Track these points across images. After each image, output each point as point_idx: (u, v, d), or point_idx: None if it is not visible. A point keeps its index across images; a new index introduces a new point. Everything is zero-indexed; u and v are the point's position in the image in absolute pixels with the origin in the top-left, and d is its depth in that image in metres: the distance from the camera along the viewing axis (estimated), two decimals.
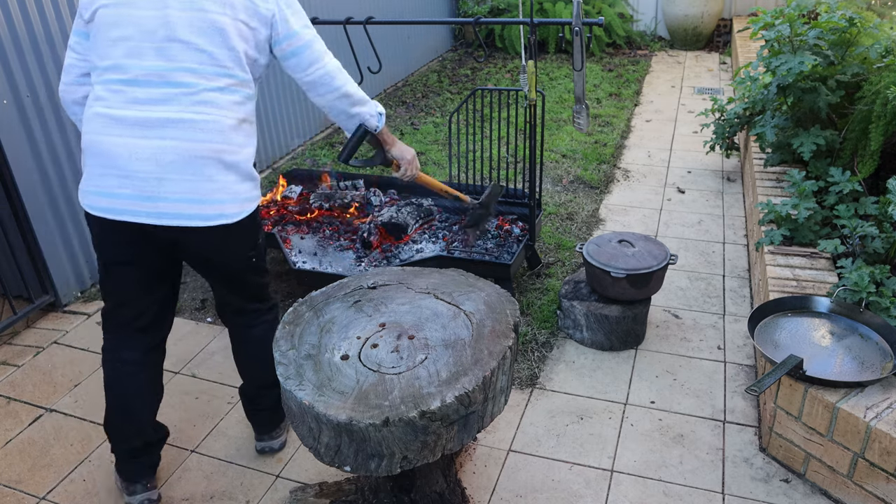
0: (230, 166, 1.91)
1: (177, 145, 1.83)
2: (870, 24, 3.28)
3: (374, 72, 3.29)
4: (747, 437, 2.38)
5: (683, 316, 3.05)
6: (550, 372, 2.74)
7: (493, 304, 1.91)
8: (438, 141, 5.16)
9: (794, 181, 2.95)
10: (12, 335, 3.09)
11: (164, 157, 1.83)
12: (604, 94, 6.04)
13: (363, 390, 1.61)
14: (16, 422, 2.60)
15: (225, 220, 1.92)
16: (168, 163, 1.83)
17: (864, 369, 2.12)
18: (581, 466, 2.30)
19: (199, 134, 1.84)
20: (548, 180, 4.39)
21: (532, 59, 2.74)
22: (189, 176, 1.85)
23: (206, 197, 1.88)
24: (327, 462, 1.65)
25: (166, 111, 1.83)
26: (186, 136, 1.83)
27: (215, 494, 2.25)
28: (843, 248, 2.62)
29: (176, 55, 1.82)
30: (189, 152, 1.84)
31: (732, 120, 4.18)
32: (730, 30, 7.46)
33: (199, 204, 1.88)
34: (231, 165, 1.91)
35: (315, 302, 1.97)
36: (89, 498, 2.26)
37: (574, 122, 2.89)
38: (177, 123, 1.83)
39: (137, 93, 1.83)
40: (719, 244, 3.62)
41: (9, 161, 2.91)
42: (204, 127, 1.85)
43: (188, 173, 1.85)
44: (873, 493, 1.99)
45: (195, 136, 1.84)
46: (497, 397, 1.73)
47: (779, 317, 2.38)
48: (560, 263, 3.46)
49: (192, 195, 1.86)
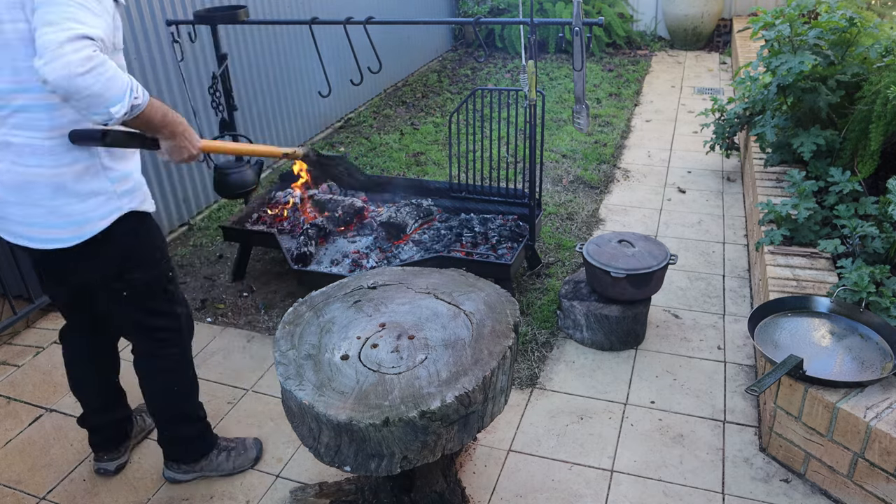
0: (57, 189, 1.76)
1: (8, 168, 1.75)
2: (870, 24, 3.28)
3: (374, 72, 3.29)
4: (747, 437, 2.38)
5: (683, 316, 3.05)
6: (550, 372, 2.74)
7: (493, 304, 1.91)
8: (438, 141, 5.16)
9: (794, 181, 2.95)
10: (12, 335, 3.09)
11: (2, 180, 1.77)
12: (604, 94, 6.04)
13: (363, 390, 1.61)
14: (16, 422, 2.60)
15: (60, 244, 1.81)
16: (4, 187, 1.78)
17: (864, 369, 2.12)
18: (581, 466, 2.30)
19: (21, 158, 1.73)
20: (548, 180, 4.39)
21: (532, 59, 2.74)
22: (21, 199, 1.78)
23: (37, 221, 1.80)
24: (327, 462, 1.65)
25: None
26: (11, 159, 1.74)
27: (215, 494, 2.25)
28: (843, 248, 2.62)
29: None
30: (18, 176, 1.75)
31: (732, 120, 4.18)
32: (730, 30, 7.46)
33: (36, 227, 1.81)
34: (59, 188, 1.76)
35: (315, 302, 1.97)
36: (89, 498, 2.26)
37: (574, 122, 2.89)
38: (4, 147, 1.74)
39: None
40: (719, 244, 3.62)
41: None
42: (21, 150, 1.73)
43: (20, 198, 1.78)
44: (873, 493, 1.99)
45: (18, 161, 1.74)
46: (497, 397, 1.73)
47: (779, 317, 2.38)
48: (560, 263, 3.46)
49: (27, 219, 1.81)
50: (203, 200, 4.21)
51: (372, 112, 5.91)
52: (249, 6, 4.34)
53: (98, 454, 2.33)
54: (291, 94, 4.99)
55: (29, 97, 1.68)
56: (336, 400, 1.58)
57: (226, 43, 4.15)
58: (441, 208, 3.53)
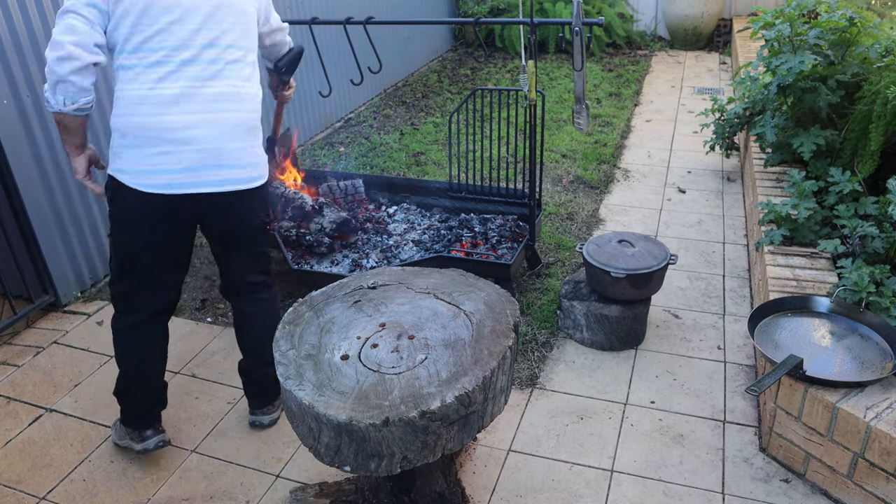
0: (257, 133, 2.18)
1: (227, 116, 2.06)
2: (870, 23, 3.28)
3: (374, 72, 3.29)
4: (747, 437, 2.38)
5: (683, 316, 3.05)
6: (550, 372, 2.74)
7: (493, 304, 1.91)
8: (438, 141, 5.16)
9: (794, 181, 2.95)
10: (12, 335, 3.09)
11: (217, 129, 2.04)
12: (604, 94, 6.04)
13: (363, 390, 1.61)
14: (16, 422, 2.60)
15: (261, 180, 2.20)
16: (222, 134, 2.05)
17: (864, 369, 2.12)
18: (581, 466, 2.30)
19: (246, 104, 2.10)
20: (548, 180, 4.39)
21: (532, 59, 2.74)
22: (240, 143, 2.09)
23: (252, 161, 2.15)
24: (327, 462, 1.65)
25: (216, 86, 2.03)
26: (237, 107, 2.08)
27: (215, 494, 2.25)
28: (843, 248, 2.62)
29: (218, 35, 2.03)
30: (237, 122, 2.08)
31: (732, 120, 4.18)
32: (730, 30, 7.46)
33: (250, 168, 2.14)
34: (257, 132, 2.18)
35: (315, 302, 1.97)
36: (89, 498, 2.26)
37: (574, 122, 2.89)
38: (230, 96, 2.06)
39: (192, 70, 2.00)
40: (719, 244, 3.62)
41: (9, 161, 2.92)
42: (249, 98, 2.12)
43: (239, 140, 2.09)
44: (873, 493, 1.99)
45: (244, 107, 2.10)
46: (497, 397, 1.73)
47: (779, 317, 2.38)
48: (560, 263, 3.46)
49: (244, 160, 2.12)
50: None
51: (372, 112, 5.91)
52: None
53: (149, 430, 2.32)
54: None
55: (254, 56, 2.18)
56: (336, 400, 1.58)
57: None
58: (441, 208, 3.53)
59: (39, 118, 3.04)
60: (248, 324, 2.39)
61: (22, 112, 2.96)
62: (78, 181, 2.15)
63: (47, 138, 3.08)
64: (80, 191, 3.27)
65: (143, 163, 2.00)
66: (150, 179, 2.01)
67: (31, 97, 2.99)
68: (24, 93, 2.96)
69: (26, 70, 2.96)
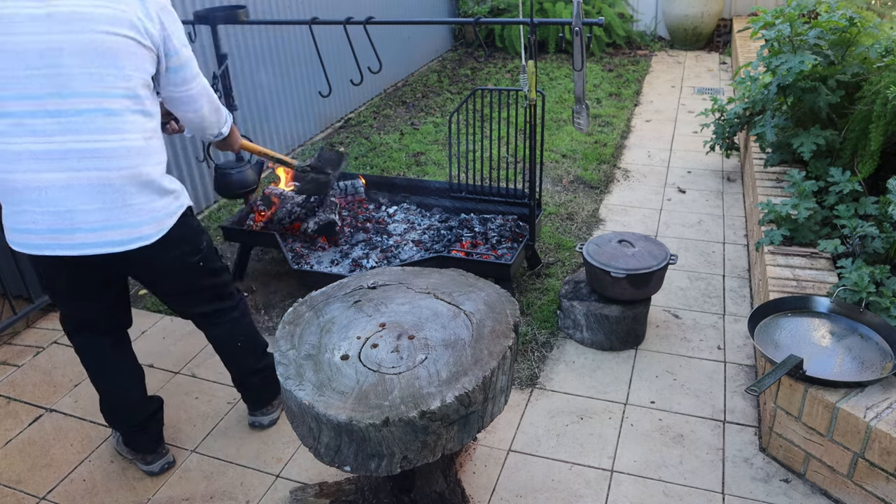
0: (143, 187, 1.89)
1: (87, 175, 1.80)
2: (870, 23, 3.28)
3: (374, 72, 3.29)
4: (747, 437, 2.38)
5: (683, 316, 3.05)
6: (550, 372, 2.74)
7: (493, 304, 1.91)
8: (438, 141, 5.16)
9: (794, 181, 2.95)
10: (12, 335, 3.09)
11: (73, 189, 1.80)
12: (604, 94, 6.04)
13: (363, 390, 1.61)
14: (16, 422, 2.60)
15: (142, 242, 1.91)
16: (77, 194, 1.81)
17: (864, 369, 2.12)
18: (581, 466, 2.30)
19: (106, 162, 1.81)
20: (548, 180, 4.39)
21: (532, 59, 2.74)
22: (100, 205, 1.83)
23: (121, 222, 1.87)
24: (327, 462, 1.65)
25: (69, 141, 1.77)
26: (94, 165, 1.80)
27: (215, 494, 2.25)
28: (843, 248, 2.62)
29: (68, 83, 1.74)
30: (100, 181, 1.82)
31: (732, 120, 4.18)
32: (730, 30, 7.46)
33: (115, 230, 1.87)
34: (144, 185, 1.89)
35: (315, 302, 1.97)
36: (89, 498, 2.26)
37: (574, 122, 2.89)
38: (83, 153, 1.79)
39: (36, 124, 1.75)
40: (719, 244, 3.62)
41: None
42: (111, 154, 1.81)
43: (99, 202, 1.83)
44: (873, 493, 1.99)
45: (103, 165, 1.81)
46: (497, 397, 1.73)
47: (779, 317, 2.38)
48: (560, 263, 3.46)
49: (106, 223, 1.85)
50: (203, 201, 4.21)
51: (372, 112, 5.91)
52: (249, 6, 4.33)
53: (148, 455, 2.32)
54: (291, 94, 4.99)
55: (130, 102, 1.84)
56: (336, 400, 1.58)
57: (226, 43, 4.15)
58: (441, 208, 3.53)
59: None
60: (215, 346, 2.34)
61: None
62: None
63: None
64: None
65: (9, 220, 1.88)
66: (14, 237, 1.89)
67: None
68: None
69: None
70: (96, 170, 1.80)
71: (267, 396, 2.48)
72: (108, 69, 1.77)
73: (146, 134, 1.88)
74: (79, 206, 1.82)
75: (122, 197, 1.85)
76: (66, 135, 1.77)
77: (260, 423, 2.50)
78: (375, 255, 3.22)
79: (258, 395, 2.47)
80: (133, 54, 1.81)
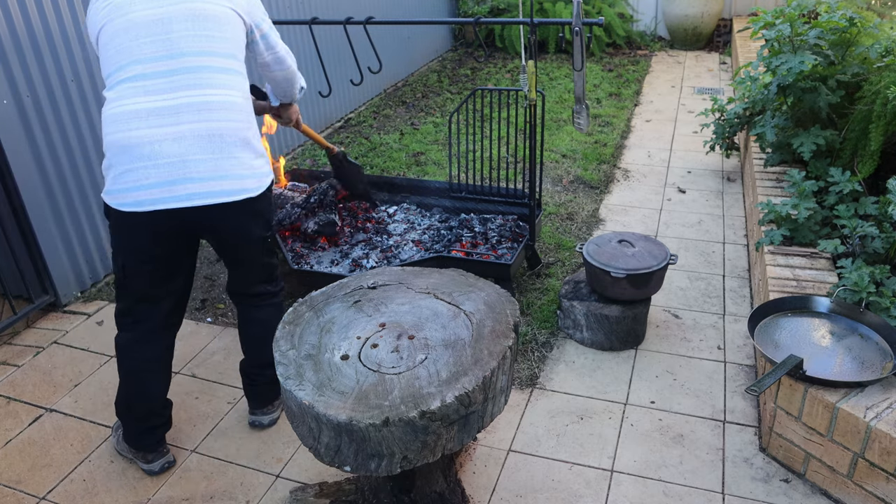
0: (245, 143, 2.04)
1: (197, 126, 1.95)
2: (870, 23, 3.28)
3: (374, 72, 3.29)
4: (747, 437, 2.38)
5: (683, 316, 3.05)
6: (550, 372, 2.74)
7: (493, 304, 1.91)
8: (438, 141, 5.16)
9: (794, 181, 2.95)
10: (12, 335, 3.09)
11: (184, 140, 1.94)
12: (604, 94, 6.04)
13: (363, 390, 1.61)
14: (16, 422, 2.60)
15: (247, 194, 2.05)
16: (189, 145, 1.94)
17: (864, 369, 2.12)
18: (581, 466, 2.30)
19: (215, 114, 1.97)
20: (548, 180, 4.39)
21: (532, 59, 2.74)
22: (210, 154, 1.97)
23: (228, 173, 2.00)
24: (327, 462, 1.65)
25: (181, 97, 1.94)
26: (204, 117, 1.96)
27: (215, 494, 2.25)
28: (843, 248, 2.62)
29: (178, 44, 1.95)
30: (209, 131, 1.96)
31: (732, 120, 4.18)
32: (730, 30, 7.46)
33: (223, 180, 2.00)
34: (245, 142, 2.04)
35: (315, 302, 1.97)
36: (89, 498, 2.26)
37: (574, 122, 2.89)
38: (193, 106, 1.95)
39: (149, 85, 1.93)
40: (719, 244, 3.62)
41: (9, 161, 2.92)
42: (218, 107, 1.98)
43: (209, 152, 1.97)
44: (873, 493, 1.99)
45: (212, 117, 1.97)
46: (497, 397, 1.73)
47: (779, 317, 2.38)
48: (560, 263, 3.46)
49: (215, 173, 1.98)
50: None
51: (372, 112, 5.91)
52: None
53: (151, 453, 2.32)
54: None
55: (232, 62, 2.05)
56: (336, 400, 1.58)
57: None
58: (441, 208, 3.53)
59: (39, 118, 3.04)
60: (250, 327, 2.39)
61: (22, 112, 2.96)
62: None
63: (47, 138, 3.08)
64: (80, 190, 3.27)
65: (117, 182, 1.97)
66: (123, 198, 1.97)
67: (31, 97, 2.99)
68: (25, 93, 2.96)
69: (26, 70, 2.96)
70: (206, 121, 1.96)
71: (271, 395, 2.49)
72: (211, 31, 1.99)
73: (244, 94, 2.07)
74: (190, 156, 1.95)
75: (228, 148, 2.00)
76: (177, 91, 1.94)
77: (260, 423, 2.50)
78: (375, 255, 3.22)
79: (265, 390, 2.47)
80: (230, 21, 2.05)
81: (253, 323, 2.38)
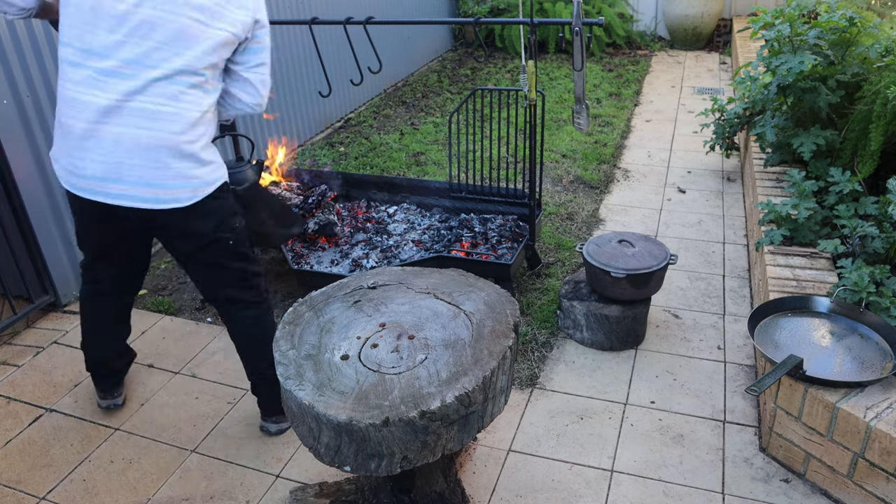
0: (186, 155, 2.02)
1: (139, 133, 1.95)
2: (870, 23, 3.28)
3: (374, 72, 3.29)
4: (747, 437, 2.38)
5: (683, 316, 3.05)
6: (550, 372, 2.74)
7: (493, 304, 1.91)
8: (438, 141, 5.16)
9: (794, 181, 2.95)
10: (12, 335, 3.09)
11: (125, 143, 1.95)
12: (604, 94, 6.04)
13: (363, 390, 1.61)
14: (16, 422, 2.60)
15: (178, 203, 2.04)
16: (128, 149, 1.96)
17: (864, 369, 2.12)
18: (581, 466, 2.30)
19: (160, 124, 1.96)
20: (548, 180, 4.39)
21: (532, 59, 2.74)
22: (144, 161, 1.98)
23: (162, 182, 2.01)
24: (327, 462, 1.65)
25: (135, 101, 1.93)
26: (149, 125, 1.95)
27: (215, 494, 2.25)
28: (843, 248, 2.62)
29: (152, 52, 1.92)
30: (148, 140, 1.96)
31: (732, 120, 4.18)
32: (730, 30, 7.46)
33: (157, 188, 2.01)
34: (188, 154, 2.02)
35: (315, 302, 1.97)
36: (89, 498, 2.26)
37: (574, 122, 2.89)
38: (144, 113, 1.94)
39: (111, 82, 1.92)
40: (719, 244, 3.62)
41: (9, 161, 2.92)
42: (167, 119, 1.96)
43: (144, 159, 1.97)
44: (873, 493, 1.99)
45: (157, 126, 1.95)
46: (497, 397, 1.73)
47: (779, 317, 2.38)
48: (560, 263, 3.46)
49: (147, 180, 2.00)
50: None
51: (372, 112, 5.91)
52: None
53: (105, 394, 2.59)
54: (291, 94, 4.99)
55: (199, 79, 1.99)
56: (336, 400, 1.58)
57: None
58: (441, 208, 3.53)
59: (39, 118, 3.04)
60: (233, 338, 2.38)
61: (22, 112, 2.96)
62: None
63: (47, 138, 3.08)
64: None
65: (62, 160, 2.05)
66: (66, 177, 2.06)
67: (31, 97, 2.99)
68: (25, 93, 2.96)
69: (26, 70, 2.96)
70: (149, 129, 1.95)
71: (279, 407, 2.44)
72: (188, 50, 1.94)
73: (203, 108, 2.03)
74: (127, 160, 1.97)
75: (164, 159, 1.98)
76: (134, 95, 1.93)
77: (267, 430, 2.48)
78: (375, 255, 3.22)
79: (268, 401, 2.44)
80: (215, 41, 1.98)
81: (234, 335, 2.36)
